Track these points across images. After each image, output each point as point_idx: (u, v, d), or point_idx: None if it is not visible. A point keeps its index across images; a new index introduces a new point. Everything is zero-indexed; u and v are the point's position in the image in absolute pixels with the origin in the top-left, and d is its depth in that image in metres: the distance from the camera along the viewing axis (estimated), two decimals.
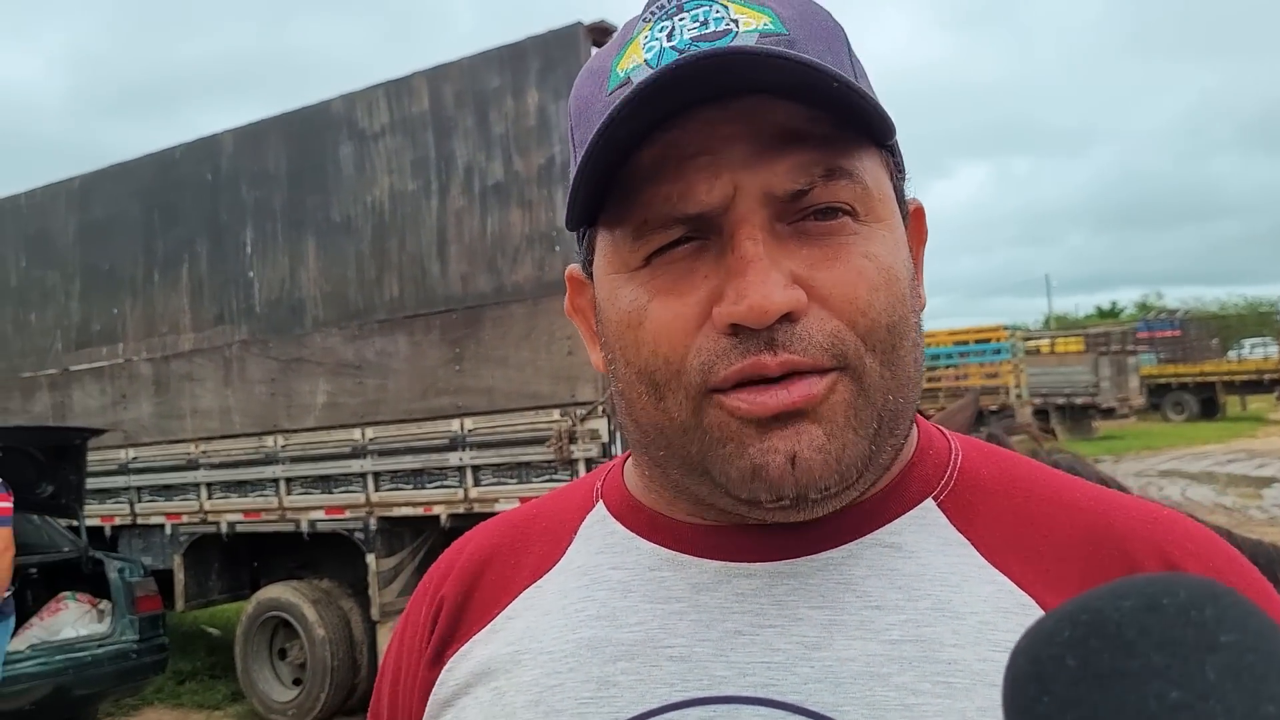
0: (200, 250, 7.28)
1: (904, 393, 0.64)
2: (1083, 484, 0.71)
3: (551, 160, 5.64)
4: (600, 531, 0.75)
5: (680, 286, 0.62)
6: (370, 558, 6.39)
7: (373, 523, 6.40)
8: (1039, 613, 0.61)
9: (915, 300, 0.66)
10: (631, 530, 0.73)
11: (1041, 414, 21.82)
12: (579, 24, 5.63)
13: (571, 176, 0.66)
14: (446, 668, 0.73)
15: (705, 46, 0.59)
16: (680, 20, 0.62)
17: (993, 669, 0.59)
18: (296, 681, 6.84)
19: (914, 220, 0.71)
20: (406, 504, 6.32)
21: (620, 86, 0.62)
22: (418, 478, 6.27)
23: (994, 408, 17.46)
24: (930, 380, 19.44)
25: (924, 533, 0.66)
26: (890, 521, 0.67)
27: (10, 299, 8.56)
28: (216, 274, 7.19)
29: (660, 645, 0.65)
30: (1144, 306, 57.16)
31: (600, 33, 5.63)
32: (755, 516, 0.64)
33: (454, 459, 6.07)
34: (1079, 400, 23.49)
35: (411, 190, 6.23)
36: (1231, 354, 32.93)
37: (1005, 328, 21.52)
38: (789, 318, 0.59)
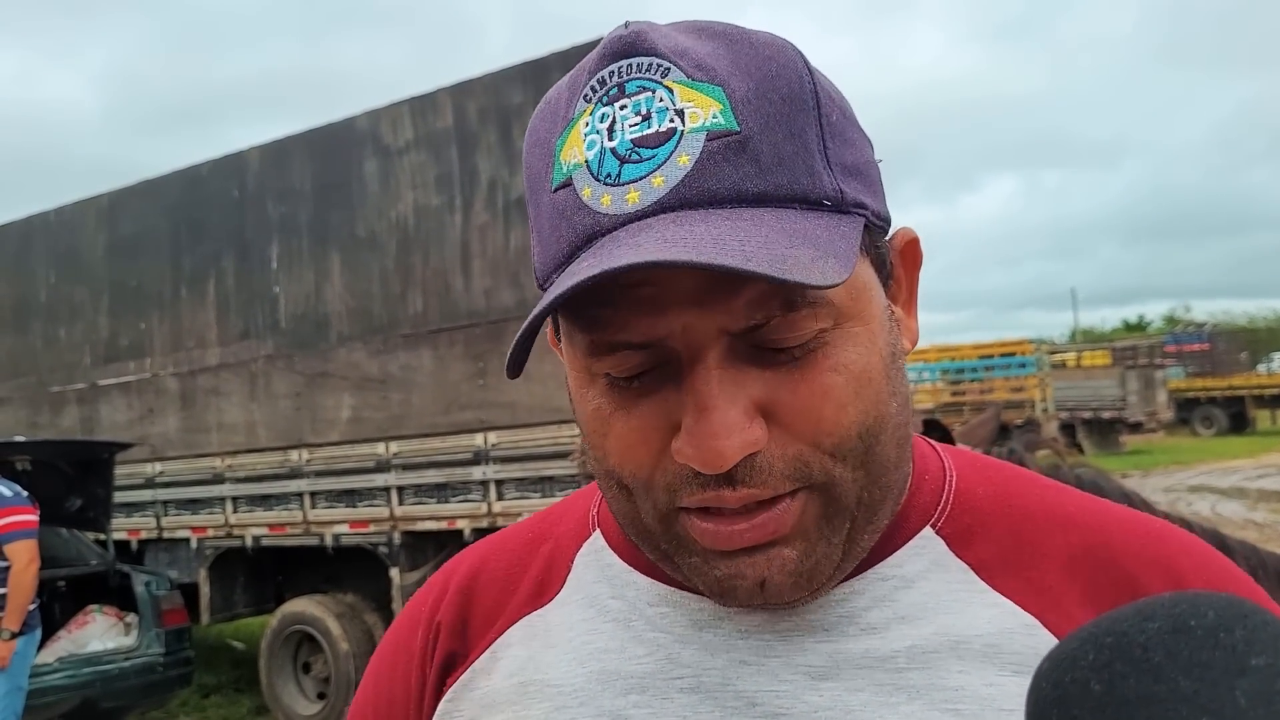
0: (226, 266, 7.34)
1: (882, 481, 0.61)
2: (1080, 497, 0.70)
3: None
4: (598, 562, 0.73)
5: (641, 406, 0.59)
6: (394, 572, 6.40)
7: (396, 537, 6.41)
8: (1043, 632, 0.61)
9: (897, 381, 0.62)
10: (629, 564, 0.72)
11: (1068, 428, 21.64)
12: (601, 40, 5.64)
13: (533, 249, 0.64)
14: (448, 697, 0.72)
15: (644, 163, 0.56)
16: (622, 110, 0.57)
17: (999, 693, 0.59)
18: (321, 695, 6.85)
19: (908, 250, 0.68)
20: (430, 518, 6.33)
21: (563, 186, 0.59)
22: (441, 492, 6.28)
23: (1019, 422, 17.31)
24: (955, 394, 19.31)
25: (923, 561, 0.66)
26: (891, 554, 0.66)
27: (40, 314, 8.66)
28: (242, 289, 7.25)
29: (670, 677, 0.65)
30: (1171, 320, 56.58)
31: None
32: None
33: (477, 473, 6.08)
34: (1106, 414, 23.28)
35: (435, 205, 6.25)
36: (1261, 367, 32.55)
37: (1031, 341, 21.35)
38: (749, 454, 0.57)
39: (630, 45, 0.59)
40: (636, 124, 0.57)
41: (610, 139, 0.57)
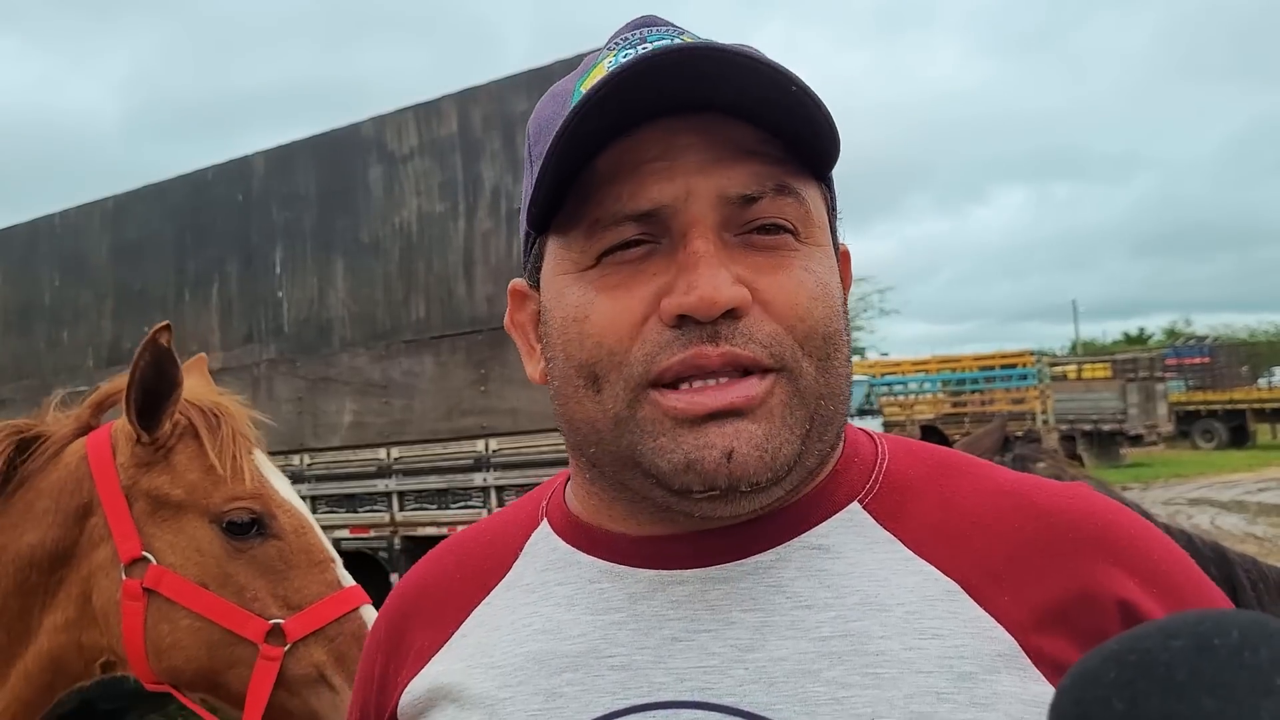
0: (230, 270, 7.35)
1: (835, 401, 0.67)
2: (1008, 471, 0.74)
3: None
4: (545, 548, 0.77)
5: (629, 283, 0.65)
6: (394, 577, 6.38)
7: (397, 542, 6.41)
8: (965, 598, 0.64)
9: (847, 324, 0.70)
10: (572, 546, 0.75)
11: (1068, 440, 21.60)
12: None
13: (528, 184, 0.70)
14: (407, 689, 0.76)
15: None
16: (643, 48, 0.66)
17: (919, 657, 0.62)
18: None
19: (842, 263, 0.75)
20: (431, 524, 6.32)
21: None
22: (442, 498, 6.28)
23: (1019, 434, 17.29)
24: (956, 405, 19.30)
25: (851, 533, 0.69)
26: (817, 525, 0.69)
27: (44, 317, 8.65)
28: (246, 294, 7.25)
29: (602, 655, 0.68)
30: (1172, 333, 56.53)
31: None
32: (682, 509, 0.67)
33: (478, 479, 6.08)
34: (1106, 427, 23.24)
35: (439, 212, 6.26)
36: (1262, 381, 32.47)
37: (1032, 353, 21.33)
38: (733, 314, 0.62)
39: (650, 18, 0.70)
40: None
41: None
